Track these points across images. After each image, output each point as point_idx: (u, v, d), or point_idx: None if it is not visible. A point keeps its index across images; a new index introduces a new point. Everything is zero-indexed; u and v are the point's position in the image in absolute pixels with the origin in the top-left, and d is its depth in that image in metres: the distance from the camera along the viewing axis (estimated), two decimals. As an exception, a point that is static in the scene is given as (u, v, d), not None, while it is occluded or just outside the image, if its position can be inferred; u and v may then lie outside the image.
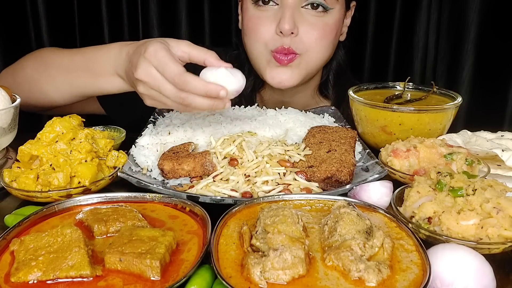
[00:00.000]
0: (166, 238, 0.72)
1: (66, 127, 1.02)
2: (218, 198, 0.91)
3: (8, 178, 0.97)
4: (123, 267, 0.68)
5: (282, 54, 1.36)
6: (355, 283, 0.65)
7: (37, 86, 1.35)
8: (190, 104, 1.00)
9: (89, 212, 0.83)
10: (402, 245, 0.74)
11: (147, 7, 2.01)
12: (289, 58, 1.37)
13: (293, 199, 0.88)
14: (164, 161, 1.03)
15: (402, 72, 2.00)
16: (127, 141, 1.22)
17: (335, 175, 0.98)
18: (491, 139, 1.16)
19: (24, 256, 0.70)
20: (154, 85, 1.02)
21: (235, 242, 0.74)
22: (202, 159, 1.02)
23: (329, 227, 0.75)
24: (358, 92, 1.37)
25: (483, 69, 1.92)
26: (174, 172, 1.03)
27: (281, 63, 1.38)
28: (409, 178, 1.01)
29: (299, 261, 0.66)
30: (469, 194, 0.81)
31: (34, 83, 1.36)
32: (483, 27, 1.86)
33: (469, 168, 1.01)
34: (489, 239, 0.76)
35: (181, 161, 1.02)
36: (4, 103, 1.09)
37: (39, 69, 1.36)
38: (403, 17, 1.99)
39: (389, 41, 2.04)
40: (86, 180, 0.96)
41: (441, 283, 0.67)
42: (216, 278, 0.68)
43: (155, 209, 0.88)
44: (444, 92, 1.34)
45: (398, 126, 1.21)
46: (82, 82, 1.29)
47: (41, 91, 1.36)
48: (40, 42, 2.01)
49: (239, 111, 1.37)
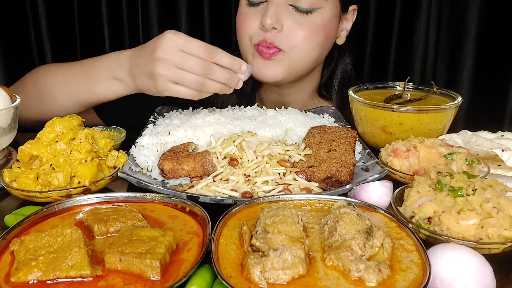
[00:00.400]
0: (166, 238, 0.72)
1: (66, 127, 1.02)
2: (218, 198, 0.91)
3: (8, 178, 0.97)
4: (123, 267, 0.68)
5: (264, 47, 1.37)
6: (355, 283, 0.65)
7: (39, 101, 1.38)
8: (212, 73, 1.11)
9: (89, 212, 0.83)
10: (402, 245, 0.74)
11: (147, 7, 2.00)
12: (271, 52, 1.37)
13: (293, 199, 0.88)
14: (164, 161, 1.03)
15: (402, 72, 2.00)
16: (127, 141, 1.22)
17: (335, 175, 0.98)
18: (491, 139, 1.16)
19: (24, 256, 0.70)
20: (178, 60, 1.10)
21: (235, 242, 0.74)
22: (202, 159, 1.02)
23: (329, 227, 0.75)
24: (358, 92, 1.37)
25: (483, 69, 1.91)
26: (174, 172, 1.03)
27: (263, 55, 1.38)
28: (409, 178, 1.01)
29: (299, 261, 0.66)
30: (469, 194, 0.81)
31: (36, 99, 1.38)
32: (483, 27, 1.86)
33: (469, 168, 1.01)
34: (489, 239, 0.76)
35: (181, 161, 1.02)
36: (4, 103, 1.09)
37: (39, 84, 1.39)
38: (403, 17, 1.99)
39: (389, 41, 2.04)
40: (86, 180, 0.96)
41: (441, 283, 0.67)
42: (216, 278, 0.68)
43: (155, 209, 0.88)
44: (444, 92, 1.34)
45: (398, 126, 1.21)
46: (80, 90, 1.32)
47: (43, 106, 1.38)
48: (40, 42, 2.01)
49: (239, 111, 1.37)
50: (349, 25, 1.52)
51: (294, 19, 1.35)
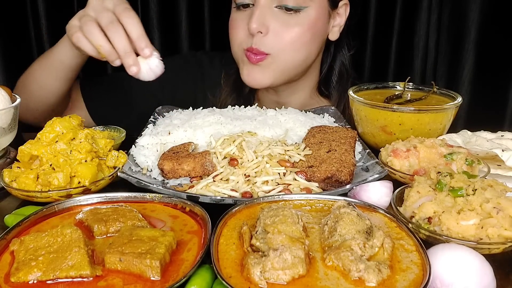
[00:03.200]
0: (166, 238, 0.72)
1: (66, 127, 1.02)
2: (218, 198, 0.91)
3: (8, 178, 0.97)
4: (123, 267, 0.68)
5: (252, 53, 1.38)
6: (355, 283, 0.65)
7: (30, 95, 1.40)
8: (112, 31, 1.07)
9: (89, 212, 0.83)
10: (402, 245, 0.74)
11: (147, 8, 2.00)
12: (258, 58, 1.38)
13: (293, 199, 0.88)
14: (164, 161, 1.03)
15: (402, 72, 2.00)
16: (127, 141, 1.22)
17: (335, 175, 0.98)
18: (491, 139, 1.16)
19: (24, 256, 0.70)
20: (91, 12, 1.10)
21: (235, 242, 0.74)
22: (202, 159, 1.02)
23: (329, 227, 0.75)
24: (358, 92, 1.37)
25: (484, 69, 1.91)
26: (174, 172, 1.03)
27: (251, 60, 1.39)
28: (409, 178, 1.01)
29: (299, 261, 0.66)
30: (469, 194, 0.81)
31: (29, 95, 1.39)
32: (483, 27, 1.86)
33: (469, 168, 1.01)
34: (489, 239, 0.76)
35: (181, 161, 1.02)
36: (4, 103, 1.09)
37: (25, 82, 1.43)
38: (403, 17, 1.99)
39: (389, 41, 2.04)
40: (86, 180, 0.96)
41: (441, 283, 0.67)
42: (216, 278, 0.68)
43: (155, 209, 0.88)
44: (444, 92, 1.34)
45: (398, 126, 1.21)
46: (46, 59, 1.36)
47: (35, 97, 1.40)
48: (40, 42, 2.01)
49: (239, 111, 1.37)
50: (342, 20, 1.50)
51: (279, 21, 1.35)
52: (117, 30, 1.07)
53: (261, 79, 1.42)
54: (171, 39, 2.04)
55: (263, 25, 1.34)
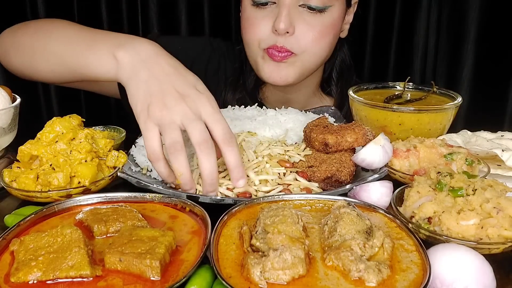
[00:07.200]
0: (166, 238, 0.72)
1: (66, 127, 1.02)
2: (218, 198, 0.91)
3: (8, 178, 0.97)
4: (123, 267, 0.68)
5: (275, 51, 1.37)
6: (355, 283, 0.65)
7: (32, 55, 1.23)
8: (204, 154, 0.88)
9: (89, 212, 0.83)
10: (402, 245, 0.74)
11: (147, 7, 2.01)
12: (283, 55, 1.37)
13: (293, 199, 0.88)
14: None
15: (402, 72, 2.00)
16: (127, 141, 1.22)
17: (335, 175, 0.98)
18: (491, 139, 1.16)
19: (24, 256, 0.70)
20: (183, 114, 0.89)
21: (235, 242, 0.74)
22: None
23: (329, 227, 0.75)
24: (358, 92, 1.37)
25: (483, 69, 1.91)
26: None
27: (274, 58, 1.37)
28: (409, 178, 1.01)
29: (299, 261, 0.66)
30: (469, 194, 0.81)
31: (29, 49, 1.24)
32: (483, 27, 1.86)
33: (469, 168, 1.01)
34: (489, 239, 0.76)
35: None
36: (4, 103, 1.09)
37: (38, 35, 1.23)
38: (403, 17, 1.99)
39: (389, 41, 2.04)
40: (86, 180, 0.96)
41: (441, 283, 0.67)
42: (216, 278, 0.68)
43: (155, 209, 0.88)
44: (444, 92, 1.34)
45: (398, 126, 1.21)
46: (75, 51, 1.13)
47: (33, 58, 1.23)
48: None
49: (239, 111, 1.36)
50: (351, 17, 1.52)
51: (305, 21, 1.35)
52: (210, 154, 0.88)
53: (286, 76, 1.41)
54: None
55: (291, 25, 1.33)
